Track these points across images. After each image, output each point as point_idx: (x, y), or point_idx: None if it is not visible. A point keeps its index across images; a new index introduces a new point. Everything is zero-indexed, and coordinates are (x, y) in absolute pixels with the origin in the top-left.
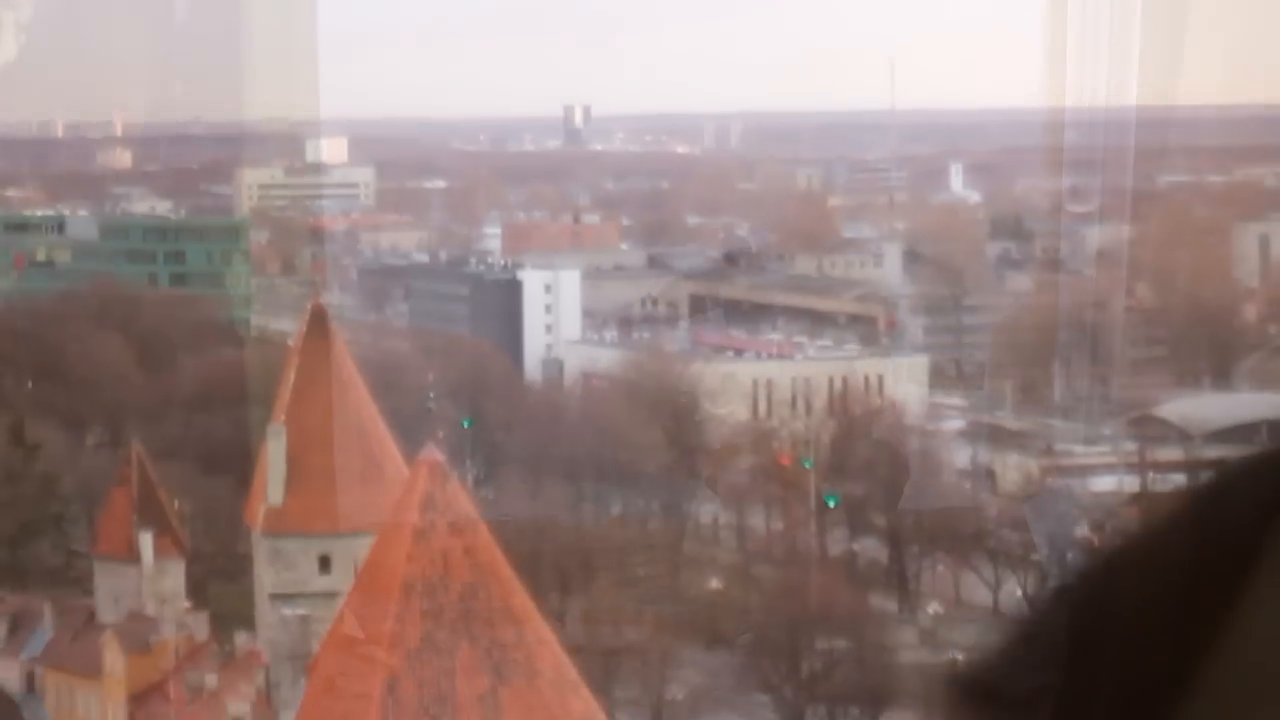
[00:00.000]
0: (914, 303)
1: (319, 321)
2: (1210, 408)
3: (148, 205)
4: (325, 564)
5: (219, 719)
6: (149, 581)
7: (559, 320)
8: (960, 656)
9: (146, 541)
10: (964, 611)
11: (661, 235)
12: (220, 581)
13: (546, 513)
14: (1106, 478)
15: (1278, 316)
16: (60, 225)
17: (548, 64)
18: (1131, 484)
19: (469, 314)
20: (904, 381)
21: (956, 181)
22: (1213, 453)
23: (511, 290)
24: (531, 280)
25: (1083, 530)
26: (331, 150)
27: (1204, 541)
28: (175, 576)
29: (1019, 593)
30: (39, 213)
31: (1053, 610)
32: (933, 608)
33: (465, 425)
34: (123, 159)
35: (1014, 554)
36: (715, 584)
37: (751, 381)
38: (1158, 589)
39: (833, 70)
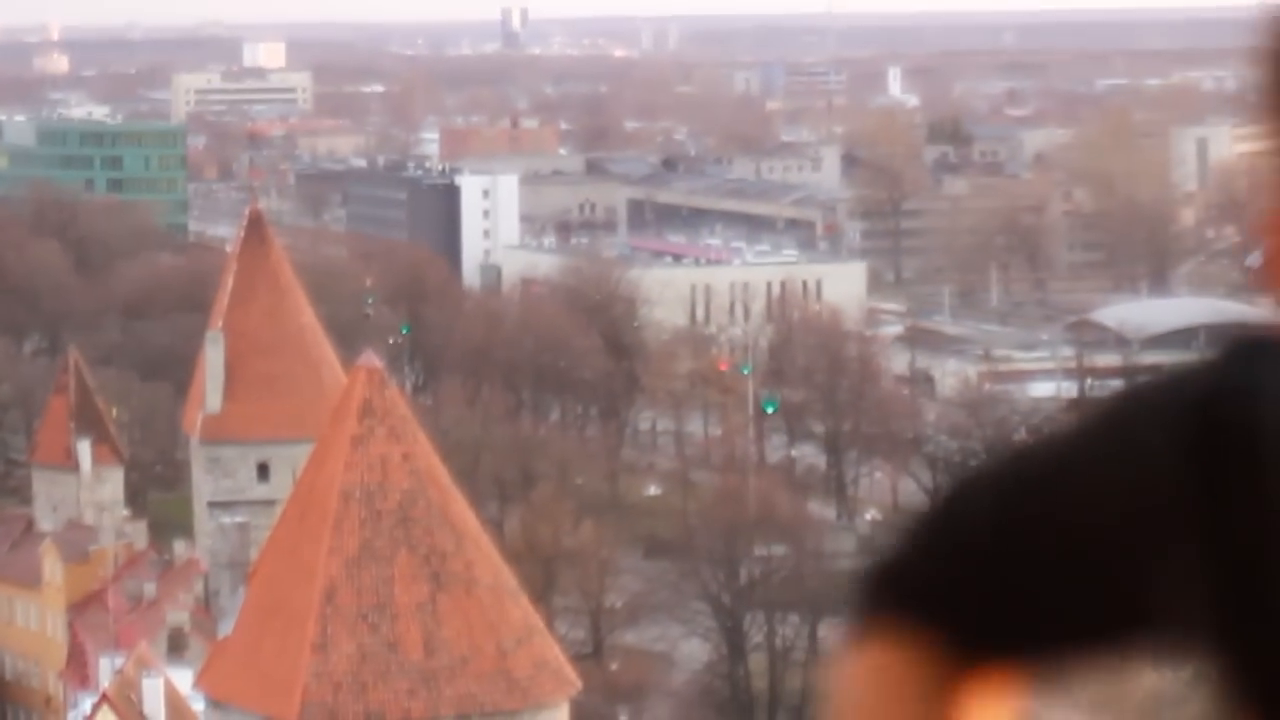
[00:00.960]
0: (852, 207)
1: (257, 227)
2: (1148, 312)
3: (85, 110)
4: (264, 471)
5: (158, 627)
6: (87, 489)
7: (497, 225)
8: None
9: (85, 449)
10: (902, 518)
11: (599, 140)
12: (159, 489)
13: (485, 419)
14: (1045, 383)
15: (1215, 220)
16: None
17: None
18: (1069, 389)
19: (407, 219)
20: (842, 286)
21: (894, 85)
22: (1150, 357)
23: (449, 195)
24: (469, 185)
25: (1021, 435)
26: (269, 55)
27: (1124, 450)
28: (114, 484)
29: None
30: None
31: (966, 499)
32: (871, 514)
33: (403, 331)
34: (59, 64)
35: (952, 460)
36: (654, 490)
37: (690, 287)
38: (1080, 486)
39: None
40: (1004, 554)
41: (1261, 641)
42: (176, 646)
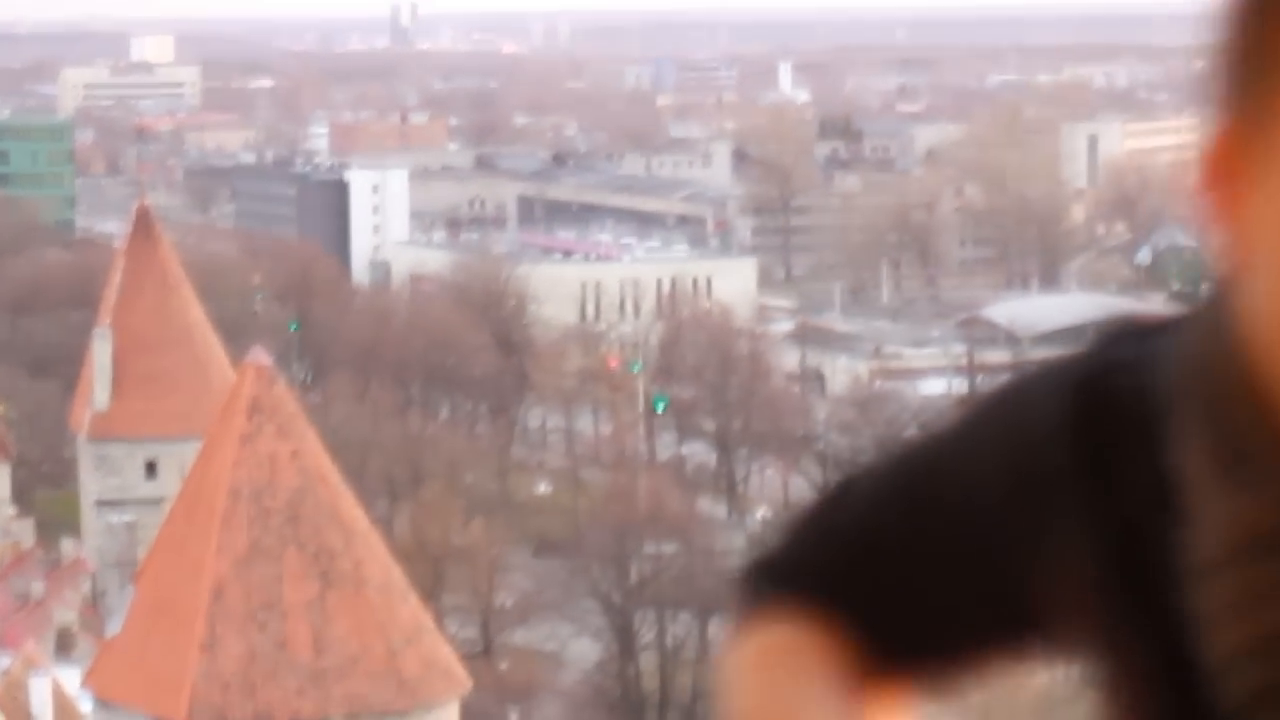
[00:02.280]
0: (742, 203)
1: (145, 223)
2: (1038, 309)
3: None
4: (152, 469)
5: (45, 626)
6: None
7: (386, 221)
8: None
9: None
10: (789, 513)
11: (489, 135)
12: (46, 487)
13: (374, 416)
14: (935, 380)
15: (1106, 217)
16: None
17: None
18: (960, 386)
19: (296, 215)
20: (732, 283)
21: (785, 81)
22: (1040, 354)
23: (338, 191)
24: (358, 181)
25: (911, 433)
26: (157, 49)
27: (1001, 442)
28: (0, 482)
29: None
30: None
31: (848, 493)
32: (762, 512)
33: (292, 328)
34: None
35: (843, 457)
36: (544, 488)
37: (580, 284)
38: (954, 484)
39: None
40: (886, 548)
41: (1143, 623)
42: (64, 646)
